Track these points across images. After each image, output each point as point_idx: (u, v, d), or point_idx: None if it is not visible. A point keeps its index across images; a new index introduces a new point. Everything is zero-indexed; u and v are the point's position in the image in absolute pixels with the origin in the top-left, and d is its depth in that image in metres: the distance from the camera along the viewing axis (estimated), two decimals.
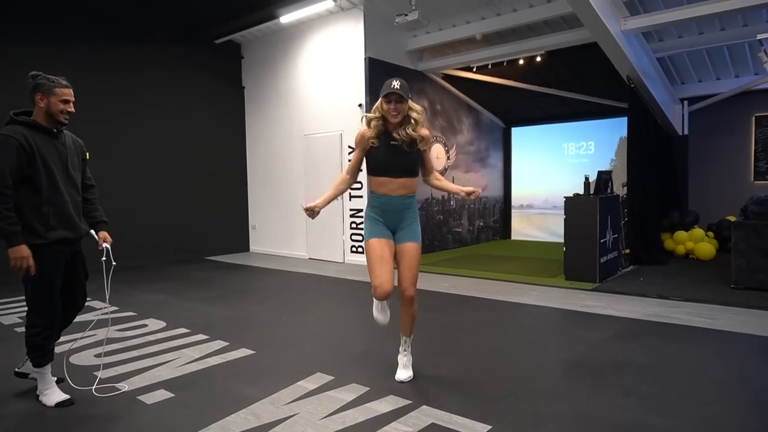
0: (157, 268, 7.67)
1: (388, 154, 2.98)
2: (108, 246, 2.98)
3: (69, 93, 2.80)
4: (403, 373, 3.11)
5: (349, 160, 3.22)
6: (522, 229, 11.01)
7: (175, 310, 5.03)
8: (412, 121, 2.99)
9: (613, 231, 6.42)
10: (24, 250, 2.64)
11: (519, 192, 11.05)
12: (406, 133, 2.96)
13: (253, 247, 9.57)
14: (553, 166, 10.54)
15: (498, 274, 6.68)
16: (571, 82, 8.83)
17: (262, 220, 9.42)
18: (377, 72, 7.62)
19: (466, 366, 3.40)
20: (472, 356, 3.59)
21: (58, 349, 3.05)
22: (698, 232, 7.73)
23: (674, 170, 8.69)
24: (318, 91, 8.24)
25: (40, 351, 2.80)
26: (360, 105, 7.57)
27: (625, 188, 7.21)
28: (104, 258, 2.92)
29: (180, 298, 5.60)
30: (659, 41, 7.63)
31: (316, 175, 8.33)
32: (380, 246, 2.98)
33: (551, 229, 10.44)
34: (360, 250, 7.77)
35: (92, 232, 3.03)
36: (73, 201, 2.86)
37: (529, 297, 5.41)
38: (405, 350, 3.18)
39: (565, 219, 6.16)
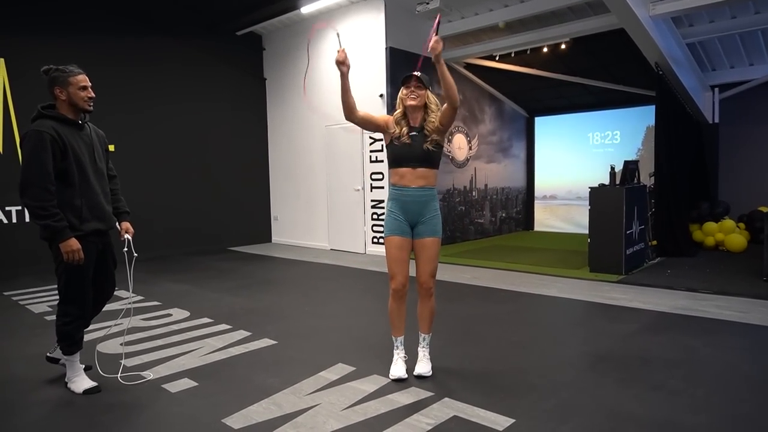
0: (180, 258, 7.78)
1: (406, 144, 2.97)
2: (130, 237, 3.00)
3: (84, 78, 2.81)
4: (423, 368, 3.06)
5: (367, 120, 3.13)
6: (545, 220, 10.88)
7: (199, 300, 5.09)
8: (429, 110, 3.00)
9: (640, 222, 6.27)
10: (74, 243, 2.69)
11: (542, 183, 10.91)
12: (428, 128, 2.97)
13: (275, 238, 9.64)
14: (577, 156, 10.35)
15: (520, 266, 6.60)
16: (596, 69, 8.62)
17: (283, 211, 9.47)
18: (398, 62, 7.55)
19: (488, 358, 3.36)
20: (495, 348, 3.55)
21: (86, 338, 3.11)
22: (729, 223, 7.50)
23: (704, 160, 8.44)
24: (339, 81, 8.17)
25: (71, 339, 2.86)
26: (381, 95, 7.52)
27: (652, 178, 7.03)
28: (126, 249, 2.95)
29: (203, 289, 5.67)
30: (689, 26, 7.39)
31: (337, 165, 8.33)
32: (398, 243, 2.99)
33: (575, 220, 10.29)
34: (381, 241, 7.76)
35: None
36: (103, 192, 2.90)
37: (553, 289, 5.32)
38: (423, 347, 3.12)
39: (590, 210, 6.03)
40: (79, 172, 2.76)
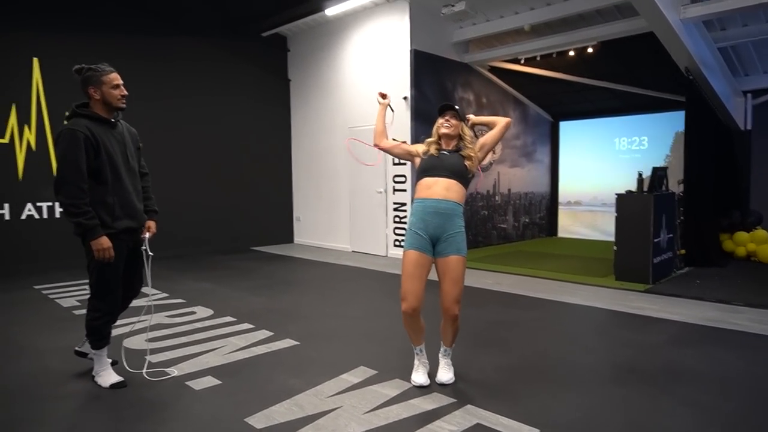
0: (203, 257, 7.88)
1: (434, 156, 3.03)
2: (148, 236, 3.01)
3: (117, 77, 2.86)
4: (444, 375, 3.02)
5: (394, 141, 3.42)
6: (569, 226, 10.73)
7: (222, 299, 5.14)
8: (465, 142, 3.04)
9: (668, 230, 6.14)
10: (105, 242, 2.73)
11: (566, 188, 10.76)
12: (464, 153, 3.01)
13: (297, 239, 9.70)
14: (603, 162, 10.18)
15: (544, 272, 6.52)
16: (623, 74, 8.48)
17: (306, 212, 9.52)
18: (423, 64, 7.53)
19: (512, 366, 3.31)
20: (519, 356, 3.50)
21: (114, 333, 3.16)
22: (761, 233, 7.29)
23: (735, 167, 8.22)
24: (363, 83, 8.23)
25: (99, 334, 2.91)
26: (405, 98, 7.51)
27: (681, 186, 6.86)
28: (144, 247, 2.98)
29: (226, 287, 5.73)
30: (721, 30, 7.21)
31: (359, 167, 8.34)
32: (415, 259, 2.87)
33: (600, 227, 10.13)
34: (403, 244, 7.73)
35: None
36: (135, 190, 2.94)
37: (577, 296, 5.24)
38: (445, 356, 3.09)
39: (616, 217, 5.92)
40: (112, 170, 2.80)
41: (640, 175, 6.01)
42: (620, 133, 10.00)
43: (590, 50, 7.76)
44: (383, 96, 3.37)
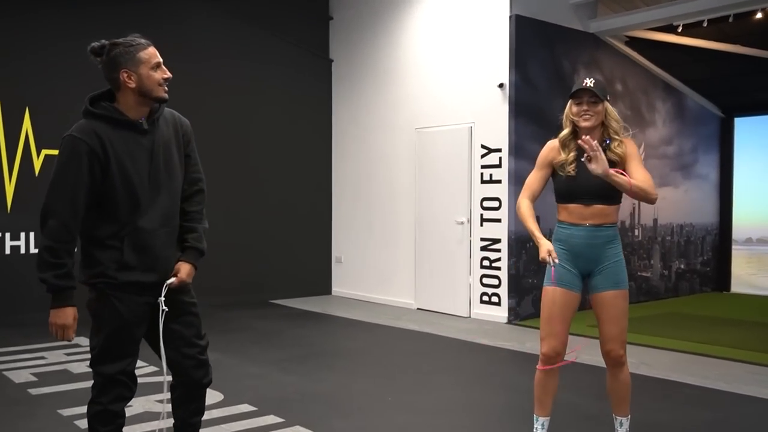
0: (209, 313, 7.91)
1: (577, 174, 3.25)
2: (174, 281, 2.84)
3: (156, 53, 2.75)
4: None
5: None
6: (750, 277, 10.55)
7: (235, 377, 5.18)
8: (611, 131, 3.28)
9: None
10: (68, 315, 2.65)
11: (745, 218, 10.53)
12: (607, 154, 3.18)
13: (336, 289, 9.75)
14: None
15: (717, 348, 6.33)
16: None
17: (349, 250, 9.59)
18: (527, 37, 7.53)
19: None
20: None
21: None
22: None
23: None
24: (437, 66, 8.29)
25: None
26: (501, 85, 7.51)
27: None
28: (161, 298, 2.79)
29: (241, 359, 5.79)
30: None
31: (431, 186, 8.34)
32: (559, 299, 3.25)
33: None
34: (495, 300, 7.64)
35: None
36: (166, 225, 2.82)
37: None
38: None
39: None
40: (128, 197, 2.68)
41: None
42: None
43: None
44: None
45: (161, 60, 2.74)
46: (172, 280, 2.81)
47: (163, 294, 2.78)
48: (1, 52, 7.23)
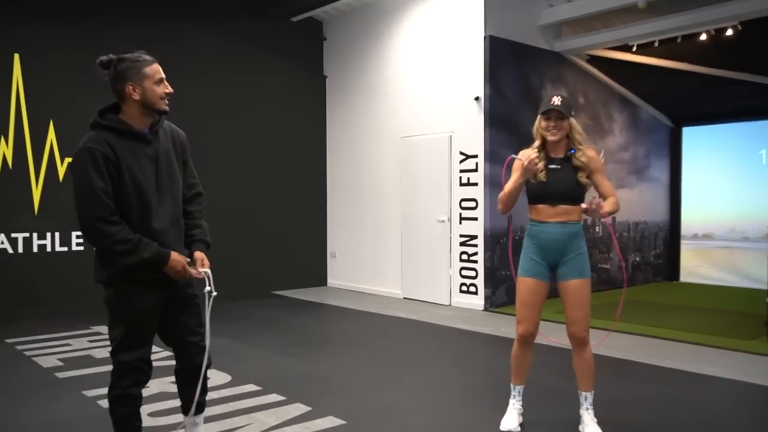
0: (214, 303, 7.98)
1: (547, 180, 3.37)
2: (208, 271, 2.87)
3: (160, 69, 2.74)
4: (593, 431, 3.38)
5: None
6: (696, 268, 10.52)
7: (241, 360, 5.19)
8: (576, 142, 3.41)
9: None
10: (177, 261, 2.69)
11: (692, 216, 10.58)
12: (572, 161, 3.39)
13: (331, 280, 9.76)
14: (746, 181, 9.90)
15: (667, 331, 6.36)
16: None
17: (343, 246, 9.60)
18: (500, 55, 7.55)
19: None
20: None
21: None
22: None
23: None
24: (420, 81, 8.31)
25: (125, 428, 2.75)
26: (477, 98, 7.52)
27: None
28: (208, 288, 2.84)
29: (245, 344, 5.80)
30: None
31: (415, 188, 8.36)
32: (531, 287, 3.44)
33: (742, 270, 9.83)
34: (472, 289, 7.67)
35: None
36: (172, 226, 2.82)
37: (718, 366, 5.03)
38: (588, 408, 3.45)
39: None
40: (139, 202, 2.68)
41: None
42: None
43: (729, 32, 7.65)
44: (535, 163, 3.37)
45: (164, 76, 2.74)
46: (206, 269, 2.86)
47: (209, 283, 2.85)
48: (30, 72, 7.20)
